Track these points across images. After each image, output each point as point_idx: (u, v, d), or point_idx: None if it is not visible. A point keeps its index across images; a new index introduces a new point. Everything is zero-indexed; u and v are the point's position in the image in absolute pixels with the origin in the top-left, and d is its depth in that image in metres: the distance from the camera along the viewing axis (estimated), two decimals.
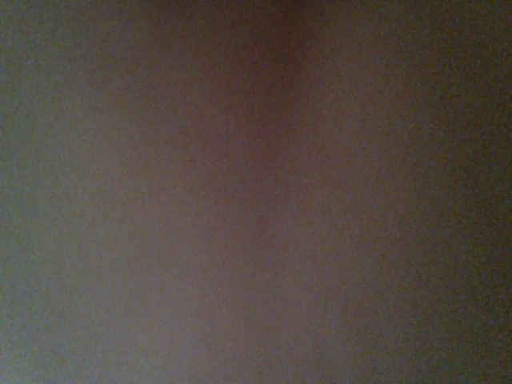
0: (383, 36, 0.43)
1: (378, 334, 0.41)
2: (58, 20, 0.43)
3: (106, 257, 0.42)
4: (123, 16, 0.43)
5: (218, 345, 0.41)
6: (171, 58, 0.43)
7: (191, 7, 0.44)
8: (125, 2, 0.43)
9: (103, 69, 0.43)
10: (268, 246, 0.42)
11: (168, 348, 0.41)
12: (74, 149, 0.42)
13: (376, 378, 0.40)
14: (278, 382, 0.41)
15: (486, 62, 0.42)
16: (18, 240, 0.42)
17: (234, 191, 0.43)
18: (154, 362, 0.41)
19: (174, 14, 0.44)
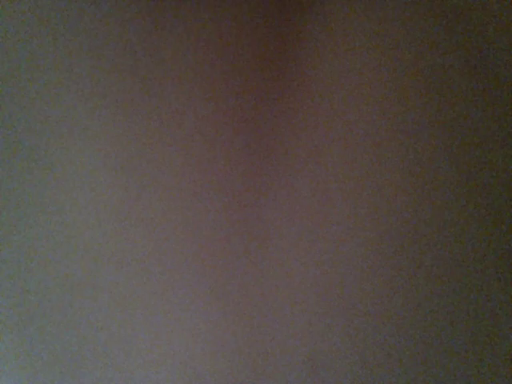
0: (382, 35, 0.43)
1: (375, 336, 0.40)
2: (56, 19, 0.43)
3: (105, 256, 0.42)
4: (122, 13, 0.43)
5: (216, 344, 0.41)
6: (171, 57, 0.43)
7: (191, 4, 0.44)
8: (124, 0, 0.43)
9: (102, 67, 0.43)
10: (268, 244, 0.42)
11: (166, 348, 0.41)
12: (73, 149, 0.43)
13: (373, 380, 0.40)
14: (273, 381, 0.41)
15: (487, 59, 0.41)
16: (17, 240, 0.42)
17: (232, 191, 0.43)
18: (152, 361, 0.41)
19: (173, 11, 0.44)
